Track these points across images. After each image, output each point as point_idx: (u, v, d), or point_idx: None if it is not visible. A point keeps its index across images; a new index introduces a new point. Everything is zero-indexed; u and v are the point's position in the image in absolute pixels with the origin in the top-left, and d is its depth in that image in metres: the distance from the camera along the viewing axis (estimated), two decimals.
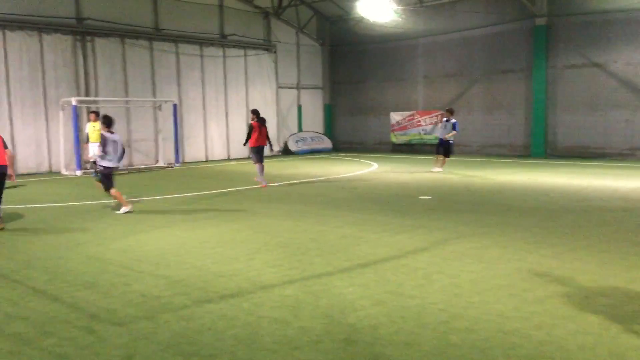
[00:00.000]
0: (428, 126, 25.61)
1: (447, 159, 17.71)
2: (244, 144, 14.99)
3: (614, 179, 14.74)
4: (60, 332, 4.57)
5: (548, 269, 6.24)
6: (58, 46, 19.66)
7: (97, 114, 18.03)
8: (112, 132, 10.77)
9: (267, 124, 14.87)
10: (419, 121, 25.88)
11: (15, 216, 10.36)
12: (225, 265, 6.60)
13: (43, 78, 19.38)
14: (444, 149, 17.56)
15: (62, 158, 19.28)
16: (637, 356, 3.97)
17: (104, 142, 10.60)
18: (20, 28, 18.76)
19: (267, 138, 14.52)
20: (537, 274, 6.08)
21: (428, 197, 12.03)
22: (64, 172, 18.86)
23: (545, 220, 9.20)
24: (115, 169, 10.93)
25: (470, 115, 24.55)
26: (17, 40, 18.74)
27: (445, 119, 17.84)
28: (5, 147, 9.34)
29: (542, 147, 22.25)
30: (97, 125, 17.85)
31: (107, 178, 10.76)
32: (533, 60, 22.40)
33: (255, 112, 14.54)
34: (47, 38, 19.38)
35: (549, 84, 22.08)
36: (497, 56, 23.61)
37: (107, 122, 10.82)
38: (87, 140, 18.08)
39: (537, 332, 4.42)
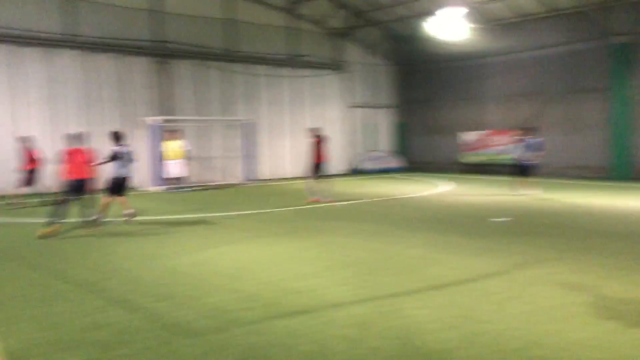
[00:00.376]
0: (500, 147, 24.97)
1: (525, 180, 16.33)
2: (312, 162, 15.25)
3: None
4: (137, 341, 4.74)
5: (632, 298, 5.90)
6: (143, 68, 20.68)
7: (174, 132, 18.79)
8: (121, 145, 11.57)
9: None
10: (492, 141, 25.28)
11: (97, 228, 10.87)
12: (295, 282, 6.65)
13: (130, 98, 20.41)
14: (521, 170, 16.32)
15: (146, 174, 20.12)
16: None
17: (114, 155, 11.37)
18: (110, 51, 19.85)
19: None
20: (620, 302, 5.76)
21: (502, 220, 11.69)
22: (147, 187, 19.66)
23: (630, 246, 8.72)
24: (125, 178, 11.62)
25: (546, 136, 23.69)
26: (107, 63, 19.85)
27: (522, 138, 16.65)
28: (91, 161, 10.34)
29: (622, 170, 21.18)
30: (174, 143, 18.61)
31: (114, 186, 11.40)
32: (613, 79, 21.45)
33: (315, 130, 15.37)
34: (133, 60, 20.41)
35: (631, 104, 21.06)
36: (574, 75, 22.75)
37: (116, 137, 11.66)
38: (165, 159, 18.88)
39: None
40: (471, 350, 4.48)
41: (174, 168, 18.81)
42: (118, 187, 11.47)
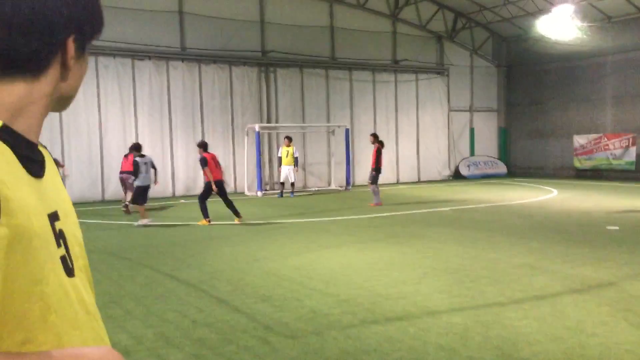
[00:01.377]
0: (617, 150, 23.42)
1: None
2: (374, 169, 15.63)
3: None
4: (238, 340, 4.93)
5: None
6: (245, 77, 21.46)
7: (290, 139, 19.20)
8: (143, 156, 12.75)
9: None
10: (607, 145, 23.74)
11: (203, 230, 11.42)
12: (392, 288, 6.62)
13: (231, 106, 21.23)
14: None
15: (245, 180, 20.84)
16: None
17: (136, 166, 12.48)
18: (214, 62, 20.79)
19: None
20: None
21: (615, 228, 10.97)
22: (246, 192, 20.35)
23: None
24: (148, 186, 12.80)
25: None
26: (210, 73, 20.79)
27: None
28: (218, 164, 12.14)
29: None
30: (291, 150, 19.04)
31: (139, 194, 12.46)
32: None
33: (375, 136, 16.00)
34: (236, 70, 21.24)
35: None
36: None
37: (136, 147, 13.02)
38: (280, 164, 19.29)
39: None
40: None
41: (288, 173, 19.22)
42: (142, 195, 12.55)
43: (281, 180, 19.37)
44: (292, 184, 19.22)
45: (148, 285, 7.02)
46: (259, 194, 19.75)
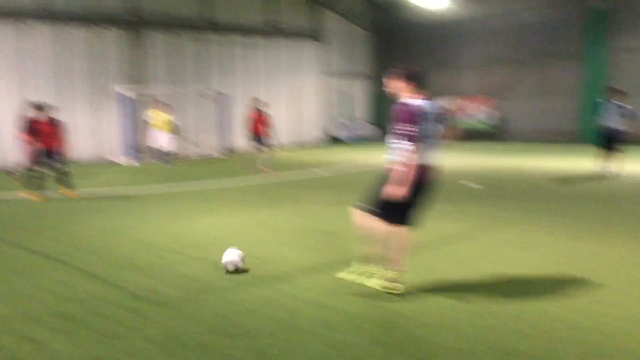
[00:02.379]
0: (479, 113, 25.09)
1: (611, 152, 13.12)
2: (250, 135, 15.48)
3: None
4: (108, 312, 4.72)
5: (594, 256, 6.04)
6: (113, 39, 20.21)
7: (161, 102, 18.44)
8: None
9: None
10: (470, 107, 25.35)
11: (67, 201, 10.74)
12: (267, 250, 6.66)
13: (102, 69, 19.99)
14: (615, 140, 12.86)
15: (116, 146, 19.84)
16: None
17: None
18: (79, 22, 19.35)
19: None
20: (581, 259, 5.88)
21: (475, 184, 11.79)
22: (115, 159, 19.40)
23: (594, 208, 8.90)
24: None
25: (521, 102, 23.94)
26: (76, 34, 19.35)
27: (616, 101, 12.92)
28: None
29: (594, 134, 21.40)
30: (164, 115, 18.23)
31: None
32: (588, 45, 21.59)
33: (257, 101, 15.61)
34: (105, 31, 19.94)
35: (605, 68, 21.25)
36: (550, 41, 22.87)
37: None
38: (149, 128, 18.45)
39: (581, 319, 4.29)
40: (440, 311, 4.55)
41: (162, 140, 18.42)
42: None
43: (159, 148, 18.58)
44: (169, 153, 18.56)
45: (4, 259, 6.49)
46: (131, 160, 18.88)
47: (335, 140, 26.99)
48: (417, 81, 4.68)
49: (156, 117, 18.33)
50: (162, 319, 4.53)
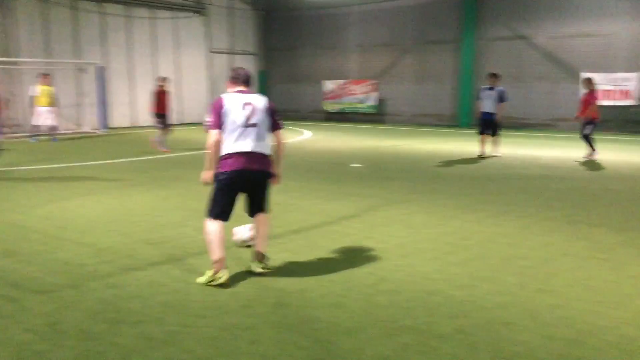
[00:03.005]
0: (361, 95, 25.82)
1: (496, 137, 13.75)
2: (154, 113, 14.76)
3: (535, 148, 15.42)
4: None
5: (470, 234, 6.51)
6: None
7: (47, 75, 17.06)
8: None
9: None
10: (352, 90, 26.02)
11: None
12: (154, 233, 6.50)
13: None
14: (492, 124, 13.52)
15: None
16: (550, 313, 4.24)
17: None
18: None
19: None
20: (460, 237, 6.33)
21: (359, 165, 12.21)
22: None
23: (469, 188, 9.55)
24: None
25: (401, 85, 24.94)
26: None
27: (488, 86, 13.61)
28: None
29: (468, 117, 22.92)
30: (50, 89, 16.90)
31: None
32: (462, 31, 22.91)
33: (162, 79, 14.87)
34: None
35: (476, 55, 22.67)
36: (428, 27, 23.97)
37: None
38: (33, 104, 17.01)
39: (458, 292, 4.64)
40: (326, 289, 4.70)
41: (46, 116, 17.05)
42: None
43: (36, 123, 17.17)
44: (54, 127, 17.30)
45: None
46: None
47: None
48: (237, 79, 5.05)
49: (42, 91, 16.94)
50: (42, 307, 4.30)
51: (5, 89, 18.04)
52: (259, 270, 5.07)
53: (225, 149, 4.80)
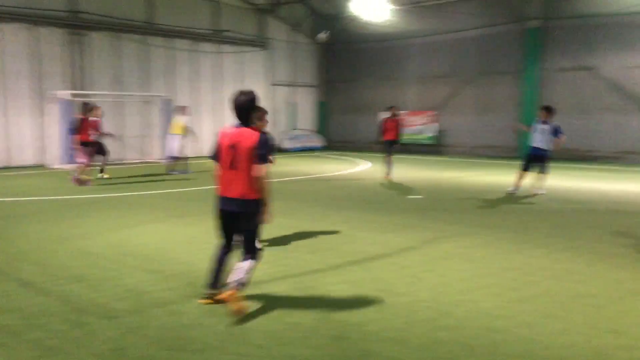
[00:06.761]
0: (420, 126, 25.69)
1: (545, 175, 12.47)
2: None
3: (603, 181, 14.85)
4: (48, 325, 4.57)
5: (535, 269, 6.30)
6: (53, 39, 19.56)
7: (184, 108, 17.02)
8: None
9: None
10: (412, 121, 25.92)
11: (7, 208, 10.31)
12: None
13: (38, 71, 19.28)
14: (542, 160, 12.21)
15: (55, 152, 19.20)
16: (621, 355, 4.02)
17: None
18: (17, 20, 18.63)
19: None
20: (524, 273, 6.13)
21: (418, 197, 12.07)
22: (55, 165, 18.76)
23: (533, 221, 9.26)
24: None
25: (461, 116, 24.68)
26: (13, 33, 18.62)
27: (541, 120, 12.27)
28: None
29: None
30: (183, 119, 16.88)
31: None
32: (525, 62, 22.53)
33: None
34: (43, 31, 19.26)
35: (540, 86, 22.21)
36: (489, 58, 23.72)
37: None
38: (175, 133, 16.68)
39: (522, 330, 4.48)
40: (387, 322, 4.64)
41: (173, 145, 16.68)
42: None
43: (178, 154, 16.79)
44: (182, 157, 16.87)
45: None
46: (68, 166, 18.26)
47: (283, 150, 26.94)
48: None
49: (175, 124, 16.80)
50: (107, 332, 4.42)
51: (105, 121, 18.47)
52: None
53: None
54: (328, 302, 5.14)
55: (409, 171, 17.69)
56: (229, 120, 25.06)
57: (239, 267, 4.82)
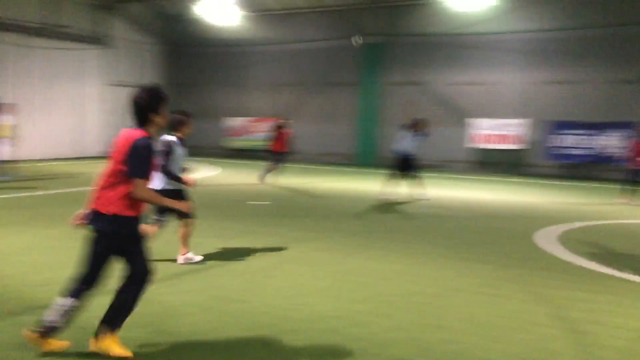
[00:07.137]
0: (263, 133, 25.95)
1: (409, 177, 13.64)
2: None
3: (430, 188, 16.04)
4: None
5: (370, 271, 6.62)
6: None
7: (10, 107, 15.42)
8: None
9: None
10: (254, 128, 26.13)
11: None
12: (37, 275, 6.06)
13: None
14: (409, 166, 13.44)
15: None
16: (444, 348, 4.36)
17: None
18: None
19: None
20: (360, 275, 6.42)
21: (265, 203, 12.14)
22: None
23: (369, 225, 9.76)
24: None
25: (302, 125, 25.36)
26: None
27: (413, 131, 13.58)
28: None
29: (366, 157, 23.70)
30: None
31: None
32: (363, 75, 23.85)
33: None
34: None
35: (375, 98, 23.62)
36: (331, 69, 24.76)
37: None
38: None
39: (357, 330, 4.67)
40: (223, 331, 4.57)
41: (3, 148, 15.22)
42: None
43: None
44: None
45: None
46: None
47: None
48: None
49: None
50: None
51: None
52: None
53: None
54: (164, 313, 4.94)
55: (253, 177, 17.71)
56: (64, 121, 23.36)
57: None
